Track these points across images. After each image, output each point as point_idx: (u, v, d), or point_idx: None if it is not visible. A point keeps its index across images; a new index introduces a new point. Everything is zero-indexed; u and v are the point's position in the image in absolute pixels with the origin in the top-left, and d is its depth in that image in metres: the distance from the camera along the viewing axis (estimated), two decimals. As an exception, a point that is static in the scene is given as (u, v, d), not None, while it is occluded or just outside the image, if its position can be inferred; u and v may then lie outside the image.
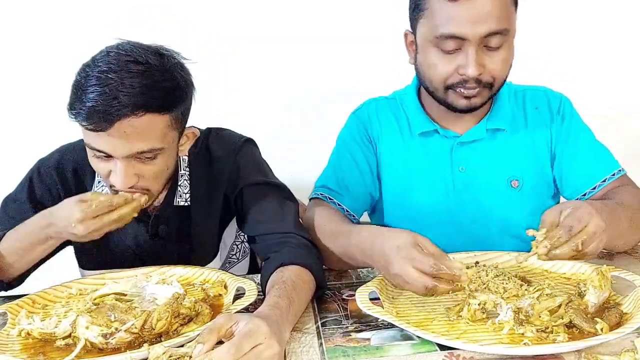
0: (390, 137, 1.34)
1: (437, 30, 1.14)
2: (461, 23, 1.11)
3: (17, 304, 1.09)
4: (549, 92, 1.33)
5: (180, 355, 0.83)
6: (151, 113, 1.03)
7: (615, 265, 1.03)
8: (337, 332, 0.95)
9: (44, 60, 1.79)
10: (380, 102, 1.38)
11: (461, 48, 1.14)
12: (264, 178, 1.25)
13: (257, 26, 1.85)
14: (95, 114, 1.00)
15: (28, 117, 1.85)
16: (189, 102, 1.13)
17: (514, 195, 1.28)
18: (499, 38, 1.13)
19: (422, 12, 1.17)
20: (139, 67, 1.02)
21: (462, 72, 1.15)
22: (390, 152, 1.33)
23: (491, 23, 1.11)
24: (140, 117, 1.02)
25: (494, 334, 0.90)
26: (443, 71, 1.17)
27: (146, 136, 1.04)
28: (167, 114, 1.06)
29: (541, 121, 1.30)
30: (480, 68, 1.14)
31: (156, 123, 1.05)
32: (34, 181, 1.25)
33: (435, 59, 1.17)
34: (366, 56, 1.88)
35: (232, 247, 1.38)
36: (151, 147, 1.06)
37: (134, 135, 1.03)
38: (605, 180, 1.25)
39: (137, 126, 1.02)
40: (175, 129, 1.10)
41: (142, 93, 1.01)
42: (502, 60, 1.16)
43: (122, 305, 0.99)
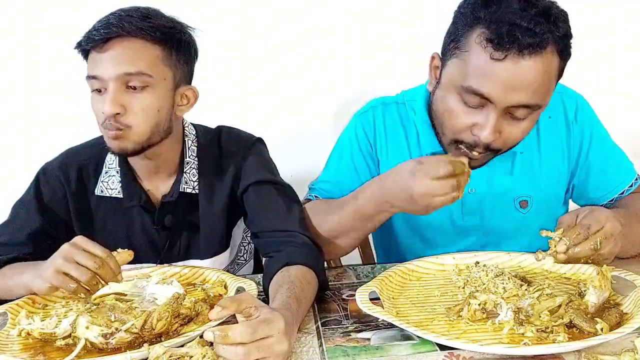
0: (396, 148, 1.27)
1: (466, 80, 1.03)
2: (495, 85, 1.00)
3: (17, 304, 1.09)
4: (565, 94, 1.24)
5: (180, 355, 0.83)
6: (142, 39, 1.12)
7: (615, 266, 1.03)
8: (337, 332, 0.95)
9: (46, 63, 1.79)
10: (388, 107, 1.29)
11: (484, 107, 1.04)
12: (271, 177, 1.26)
13: (258, 26, 1.85)
14: (94, 33, 1.11)
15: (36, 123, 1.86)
16: (186, 53, 1.19)
17: (523, 216, 1.24)
18: (526, 111, 1.04)
19: (458, 50, 1.05)
20: (137, 9, 1.15)
21: (476, 132, 1.06)
22: (394, 165, 1.22)
23: (526, 96, 1.01)
24: (132, 39, 1.12)
25: (494, 334, 0.90)
26: (458, 123, 1.08)
27: (136, 59, 1.11)
28: (159, 45, 1.14)
29: (555, 132, 1.23)
30: (495, 135, 1.05)
31: (147, 49, 1.13)
32: (40, 184, 1.27)
33: (454, 106, 1.08)
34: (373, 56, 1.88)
35: (240, 248, 1.38)
36: (139, 69, 1.11)
37: (125, 56, 1.11)
38: (624, 192, 1.23)
39: (128, 48, 1.11)
40: (167, 65, 1.15)
41: (137, 21, 1.12)
42: (521, 132, 1.08)
43: (122, 305, 0.99)
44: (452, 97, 1.08)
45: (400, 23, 1.84)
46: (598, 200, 1.24)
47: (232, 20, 1.83)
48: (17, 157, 1.89)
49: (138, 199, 1.25)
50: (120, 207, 1.26)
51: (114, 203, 1.26)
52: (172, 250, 1.28)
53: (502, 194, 1.24)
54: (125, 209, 1.26)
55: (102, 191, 1.26)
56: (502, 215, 1.25)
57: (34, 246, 1.22)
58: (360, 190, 1.13)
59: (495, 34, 0.99)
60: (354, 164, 1.28)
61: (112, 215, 1.27)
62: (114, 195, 1.25)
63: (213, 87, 1.85)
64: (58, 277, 1.01)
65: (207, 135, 1.30)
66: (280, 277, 1.03)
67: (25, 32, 1.81)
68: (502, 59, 0.99)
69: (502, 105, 1.02)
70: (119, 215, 1.26)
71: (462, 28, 1.05)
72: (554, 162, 1.24)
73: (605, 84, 1.91)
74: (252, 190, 1.24)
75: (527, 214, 1.25)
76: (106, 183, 1.26)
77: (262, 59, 1.86)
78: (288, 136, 1.89)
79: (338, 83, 1.88)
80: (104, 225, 1.27)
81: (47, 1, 1.72)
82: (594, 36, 1.88)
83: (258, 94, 1.88)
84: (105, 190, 1.26)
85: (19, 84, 1.86)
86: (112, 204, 1.26)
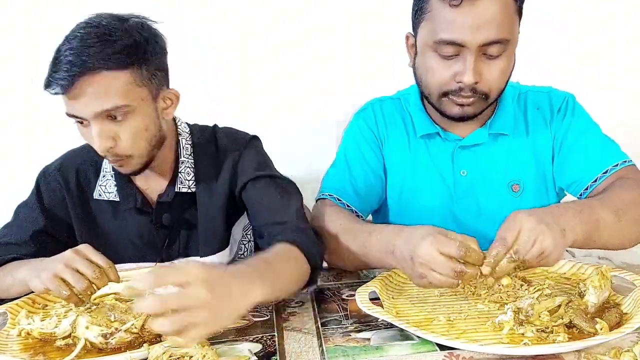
0: (396, 137, 1.33)
1: (436, 34, 1.12)
2: (461, 29, 1.09)
3: (17, 304, 1.09)
4: (553, 92, 1.31)
5: (180, 355, 0.83)
6: (107, 70, 1.06)
7: (615, 265, 1.03)
8: (337, 332, 0.95)
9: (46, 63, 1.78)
10: (385, 102, 1.37)
11: (459, 54, 1.12)
12: (268, 171, 1.26)
13: (258, 26, 1.85)
14: (57, 77, 1.06)
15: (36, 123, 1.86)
16: (156, 60, 1.14)
17: (514, 199, 1.27)
18: (498, 47, 1.11)
19: (423, 15, 1.16)
20: (95, 30, 1.08)
21: (458, 79, 1.13)
22: (396, 153, 1.33)
23: (491, 31, 1.09)
24: (97, 74, 1.06)
25: (493, 334, 0.90)
26: (440, 77, 1.15)
27: (107, 93, 1.07)
28: (126, 70, 1.08)
29: (542, 121, 1.29)
30: (477, 76, 1.12)
31: (115, 80, 1.07)
32: (41, 186, 1.28)
33: (433, 63, 1.16)
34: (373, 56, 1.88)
35: (240, 246, 1.38)
36: (114, 104, 1.08)
37: (96, 94, 1.06)
38: (607, 171, 1.20)
39: (96, 84, 1.06)
40: (141, 86, 1.11)
41: (98, 51, 1.05)
42: (500, 70, 1.14)
43: (122, 305, 0.99)
44: (429, 55, 1.16)
45: (400, 23, 1.84)
46: (581, 182, 1.23)
47: (232, 20, 1.83)
48: (17, 157, 1.89)
49: (134, 201, 1.25)
50: (117, 209, 1.27)
51: (111, 206, 1.27)
52: (172, 248, 1.29)
53: (494, 176, 1.27)
54: (122, 211, 1.27)
55: (100, 195, 1.27)
56: (495, 199, 1.27)
57: (36, 246, 1.23)
58: (377, 229, 1.12)
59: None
60: (363, 155, 1.33)
61: (111, 217, 1.27)
62: (111, 199, 1.26)
63: (213, 87, 1.86)
64: (54, 281, 1.01)
65: (203, 133, 1.30)
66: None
67: (25, 32, 1.81)
68: (460, 4, 1.08)
69: (474, 45, 1.10)
70: (118, 217, 1.27)
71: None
72: (542, 150, 1.28)
73: (605, 79, 1.91)
74: (250, 186, 1.24)
75: (519, 198, 1.27)
76: (104, 187, 1.27)
77: (262, 59, 1.86)
78: (288, 136, 1.89)
79: (338, 83, 1.88)
80: (104, 227, 1.28)
81: (47, 1, 1.72)
82: (593, 31, 1.88)
83: (258, 94, 1.88)
84: (103, 194, 1.27)
85: (19, 84, 1.86)
86: (109, 206, 1.27)
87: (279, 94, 1.90)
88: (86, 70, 1.05)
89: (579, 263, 1.11)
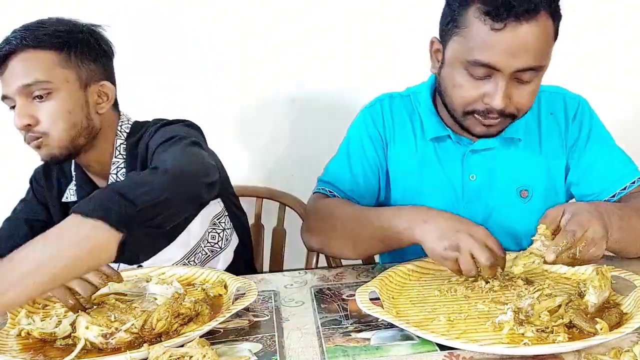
0: (404, 138, 1.31)
1: (471, 54, 1.08)
2: (498, 53, 1.06)
3: (17, 304, 1.09)
4: (567, 95, 1.28)
5: (180, 355, 0.83)
6: (33, 48, 1.14)
7: (615, 265, 1.03)
8: (337, 332, 0.95)
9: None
10: (395, 100, 1.34)
11: (491, 76, 1.09)
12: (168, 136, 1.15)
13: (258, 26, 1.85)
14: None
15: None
16: (90, 52, 1.19)
17: (523, 205, 1.26)
18: (531, 74, 1.09)
19: (457, 29, 1.11)
20: (39, 21, 1.17)
21: (487, 101, 1.11)
22: (403, 154, 1.31)
23: (529, 59, 1.06)
24: (24, 52, 1.13)
25: (493, 334, 0.90)
26: (468, 95, 1.12)
27: (30, 70, 1.13)
28: (53, 50, 1.15)
29: (556, 128, 1.26)
30: (506, 101, 1.09)
31: (39, 58, 1.14)
32: (33, 183, 1.36)
33: (462, 80, 1.12)
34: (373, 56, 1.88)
35: (213, 235, 1.36)
36: (35, 79, 1.13)
37: (22, 71, 1.13)
38: (626, 188, 1.22)
39: (22, 61, 1.14)
40: (66, 68, 1.16)
41: (27, 34, 1.14)
42: (530, 93, 1.12)
43: (122, 305, 0.99)
44: (459, 71, 1.12)
45: (400, 23, 1.84)
46: (599, 195, 1.24)
47: (232, 20, 1.83)
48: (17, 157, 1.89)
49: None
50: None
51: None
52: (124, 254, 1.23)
53: (503, 181, 1.26)
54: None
55: (67, 197, 1.31)
56: (503, 204, 1.26)
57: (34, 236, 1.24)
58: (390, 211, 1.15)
59: (492, 6, 1.05)
60: (365, 153, 1.32)
61: None
62: (72, 200, 1.29)
63: (213, 87, 1.86)
64: (60, 290, 1.02)
65: (137, 131, 1.26)
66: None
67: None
68: (502, 29, 1.05)
69: (508, 71, 1.07)
70: None
71: (458, 8, 1.11)
72: (554, 156, 1.26)
73: (603, 80, 1.91)
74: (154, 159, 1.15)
75: (527, 204, 1.26)
76: (71, 190, 1.30)
77: (262, 59, 1.86)
78: (288, 136, 1.89)
79: (338, 83, 1.88)
80: None
81: (47, 1, 1.72)
82: (592, 32, 1.88)
83: (258, 94, 1.88)
84: (69, 197, 1.31)
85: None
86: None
87: (279, 93, 1.90)
88: (14, 48, 1.13)
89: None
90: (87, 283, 1.03)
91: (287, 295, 1.12)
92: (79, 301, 1.03)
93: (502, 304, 0.98)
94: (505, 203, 1.26)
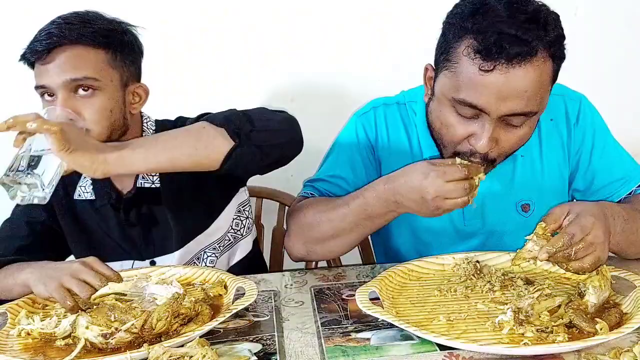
0: (399, 150, 1.25)
1: (458, 92, 1.02)
2: (486, 96, 0.99)
3: (17, 304, 1.09)
4: (567, 96, 1.23)
5: (180, 355, 0.83)
6: (84, 45, 1.14)
7: (615, 265, 1.03)
8: (336, 332, 0.95)
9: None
10: (389, 109, 1.27)
11: (478, 117, 1.03)
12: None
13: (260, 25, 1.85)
14: (36, 44, 1.13)
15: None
16: (130, 53, 1.22)
17: (524, 220, 1.23)
18: (522, 119, 1.03)
19: (448, 63, 1.04)
20: (77, 15, 1.18)
21: (472, 142, 1.05)
22: (399, 167, 1.22)
23: (519, 104, 1.00)
24: (74, 47, 1.13)
25: (493, 334, 0.90)
26: (454, 135, 1.07)
27: (80, 65, 1.13)
28: (102, 49, 1.16)
29: (557, 135, 1.22)
30: (492, 144, 1.04)
31: (90, 54, 1.15)
32: None
33: (449, 118, 1.07)
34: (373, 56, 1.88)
35: (237, 222, 1.39)
36: (84, 75, 1.13)
37: (69, 63, 1.13)
38: (632, 192, 1.21)
39: (71, 55, 1.13)
40: (113, 68, 1.18)
41: (78, 28, 1.14)
42: (518, 139, 1.07)
43: (122, 305, 0.99)
44: (446, 109, 1.08)
45: (402, 23, 1.84)
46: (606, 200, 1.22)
47: (232, 20, 1.83)
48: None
49: (107, 198, 1.28)
50: (96, 208, 1.30)
51: (90, 205, 1.30)
52: (148, 244, 1.31)
53: (504, 197, 1.23)
54: (100, 209, 1.29)
55: (80, 195, 1.30)
56: (504, 219, 1.24)
57: (34, 238, 1.28)
58: (366, 189, 1.10)
59: (483, 45, 0.98)
60: (352, 162, 1.26)
61: (92, 216, 1.30)
62: (88, 198, 1.29)
63: (213, 86, 1.86)
64: (59, 291, 1.04)
65: (165, 128, 1.28)
66: None
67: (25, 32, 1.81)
68: (491, 70, 0.98)
69: (496, 115, 1.02)
70: (98, 215, 1.30)
71: (451, 39, 1.04)
72: (556, 166, 1.23)
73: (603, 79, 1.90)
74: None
75: (529, 218, 1.23)
76: (83, 187, 1.30)
77: (262, 59, 1.86)
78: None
79: (338, 83, 1.88)
80: (87, 226, 1.31)
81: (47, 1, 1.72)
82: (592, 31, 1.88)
83: (258, 94, 1.88)
84: (82, 194, 1.30)
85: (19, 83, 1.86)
86: (89, 206, 1.30)
87: (279, 93, 1.90)
88: (64, 41, 1.13)
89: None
90: (86, 284, 1.04)
91: (287, 295, 1.12)
92: (78, 303, 1.04)
93: (502, 304, 0.98)
94: (507, 219, 1.24)
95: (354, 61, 1.88)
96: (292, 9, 1.84)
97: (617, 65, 1.94)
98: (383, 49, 1.87)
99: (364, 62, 1.88)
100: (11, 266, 1.16)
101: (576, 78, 1.28)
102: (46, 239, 1.30)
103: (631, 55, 1.94)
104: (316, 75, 1.89)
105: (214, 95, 1.85)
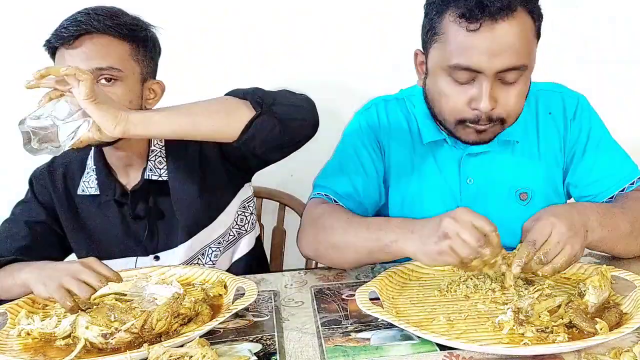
0: (400, 142, 1.28)
1: (451, 59, 1.08)
2: (478, 55, 1.05)
3: (17, 304, 1.09)
4: (565, 93, 1.26)
5: (180, 355, 0.83)
6: (111, 36, 1.17)
7: (615, 265, 1.03)
8: (336, 332, 0.95)
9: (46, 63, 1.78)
10: (390, 103, 1.31)
11: (475, 80, 1.08)
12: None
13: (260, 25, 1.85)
14: (63, 30, 1.15)
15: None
16: (150, 50, 1.25)
17: (523, 208, 1.24)
18: (515, 74, 1.08)
19: (436, 36, 1.10)
20: (103, 8, 1.20)
21: (474, 105, 1.09)
22: (399, 159, 1.28)
23: (510, 58, 1.05)
24: (102, 37, 1.16)
25: (493, 334, 0.90)
26: (454, 103, 1.11)
27: (106, 55, 1.16)
28: (127, 41, 1.19)
29: (554, 129, 1.24)
30: (493, 102, 1.08)
31: (115, 45, 1.18)
32: (34, 185, 1.35)
33: (446, 88, 1.11)
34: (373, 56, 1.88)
35: (242, 217, 1.39)
36: (109, 64, 1.16)
37: (95, 53, 1.16)
38: (624, 189, 1.21)
39: (98, 44, 1.16)
40: (135, 61, 1.21)
41: (105, 19, 1.17)
42: (516, 95, 1.10)
43: (122, 305, 0.99)
44: (443, 79, 1.12)
45: (401, 23, 1.84)
46: (597, 197, 1.23)
47: (232, 20, 1.83)
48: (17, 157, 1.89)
49: (112, 192, 1.29)
50: (99, 203, 1.30)
51: (93, 200, 1.31)
52: (153, 238, 1.32)
53: (502, 184, 1.25)
54: (103, 204, 1.30)
55: (83, 190, 1.31)
56: (502, 207, 1.25)
57: (34, 238, 1.28)
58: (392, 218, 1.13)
59: (466, 8, 1.05)
60: (359, 160, 1.28)
61: (94, 212, 1.31)
62: (92, 193, 1.30)
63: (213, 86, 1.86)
64: (59, 292, 1.04)
65: None
66: None
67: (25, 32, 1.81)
68: (478, 29, 1.04)
69: (491, 72, 1.06)
70: (100, 211, 1.31)
71: (435, 16, 1.11)
72: (553, 157, 1.25)
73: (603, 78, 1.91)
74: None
75: (527, 206, 1.25)
76: (87, 183, 1.31)
77: (262, 59, 1.86)
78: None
79: (338, 83, 1.88)
80: (89, 223, 1.32)
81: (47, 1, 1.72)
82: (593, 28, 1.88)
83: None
84: (85, 190, 1.31)
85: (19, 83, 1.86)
86: (92, 201, 1.31)
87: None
88: (93, 30, 1.15)
89: (579, 263, 1.10)
90: (85, 285, 1.04)
91: (287, 295, 1.13)
92: (77, 304, 1.04)
93: (502, 304, 0.98)
94: (505, 206, 1.25)
95: (354, 61, 1.88)
96: (292, 9, 1.85)
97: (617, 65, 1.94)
98: (383, 49, 1.87)
99: (364, 62, 1.88)
100: (11, 266, 1.16)
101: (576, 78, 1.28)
102: (46, 239, 1.31)
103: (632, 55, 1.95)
104: (316, 75, 1.89)
105: (214, 95, 1.84)
